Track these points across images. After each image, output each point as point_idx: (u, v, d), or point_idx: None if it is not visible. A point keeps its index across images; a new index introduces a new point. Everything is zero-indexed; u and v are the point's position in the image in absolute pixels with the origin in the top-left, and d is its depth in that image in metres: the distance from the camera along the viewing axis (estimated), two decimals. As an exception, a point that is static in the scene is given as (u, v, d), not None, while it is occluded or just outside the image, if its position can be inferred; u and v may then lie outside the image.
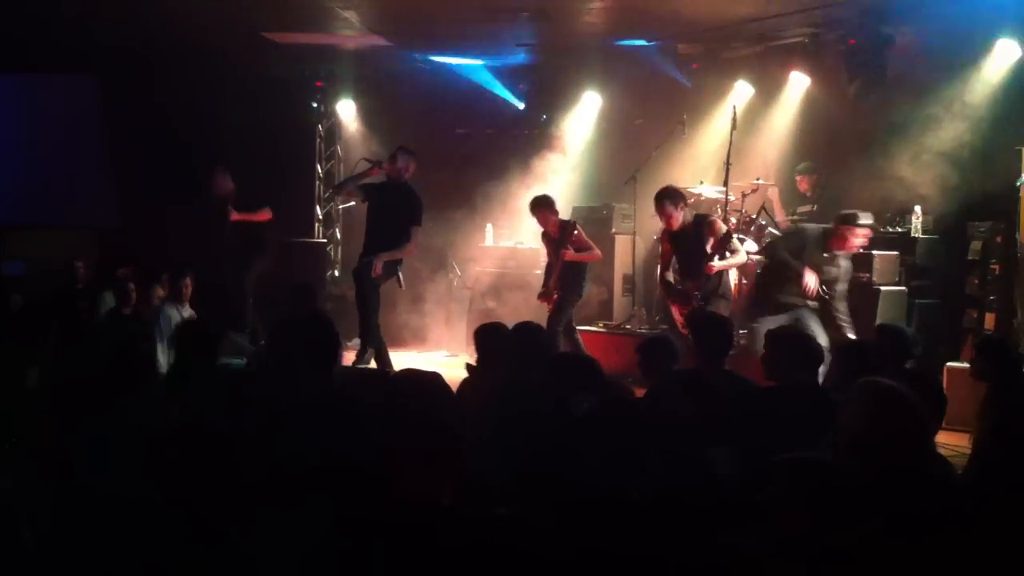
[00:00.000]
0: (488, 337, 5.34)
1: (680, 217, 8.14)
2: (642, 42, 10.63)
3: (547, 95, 12.38)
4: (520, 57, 11.70)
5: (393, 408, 2.82)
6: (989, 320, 8.48)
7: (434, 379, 3.08)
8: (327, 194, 13.56)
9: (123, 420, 3.72)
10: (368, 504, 2.65)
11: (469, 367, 5.30)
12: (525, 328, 5.37)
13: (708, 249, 7.97)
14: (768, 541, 2.44)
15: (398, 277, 8.99)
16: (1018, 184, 8.46)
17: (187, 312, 8.11)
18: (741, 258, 8.30)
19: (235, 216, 10.00)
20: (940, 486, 3.17)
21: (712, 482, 3.44)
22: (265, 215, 10.23)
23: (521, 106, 12.57)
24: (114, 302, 9.06)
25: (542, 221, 9.18)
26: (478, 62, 12.07)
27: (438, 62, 12.07)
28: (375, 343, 8.78)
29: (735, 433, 3.98)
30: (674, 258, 8.51)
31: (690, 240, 8.13)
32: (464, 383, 5.13)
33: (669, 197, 8.17)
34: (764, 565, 2.31)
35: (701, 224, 8.15)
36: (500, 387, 4.67)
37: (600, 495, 2.86)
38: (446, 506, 2.63)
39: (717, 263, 7.90)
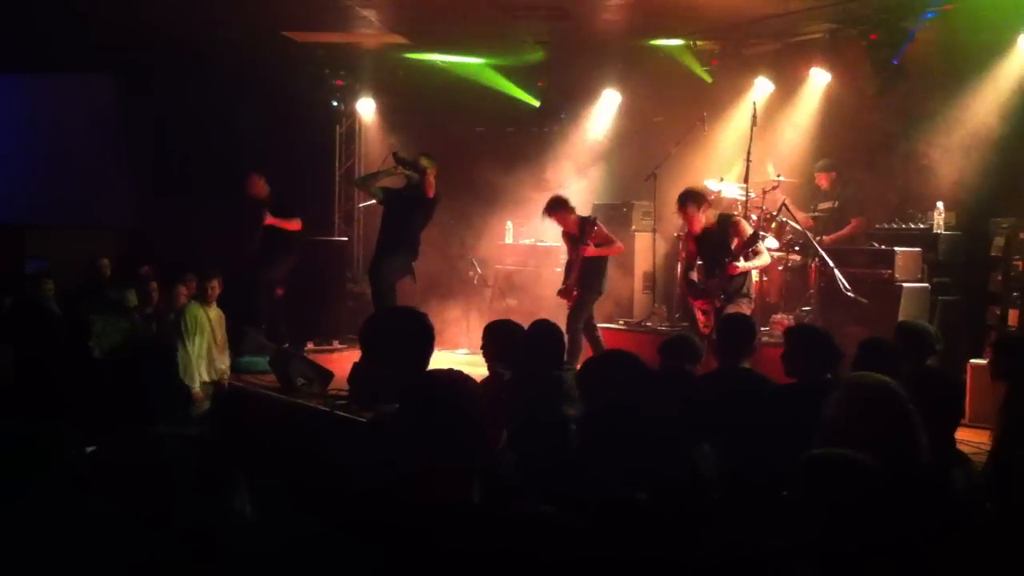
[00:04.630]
0: (499, 334, 5.35)
1: (702, 219, 8.14)
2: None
3: (566, 92, 12.36)
4: (538, 55, 11.68)
5: (422, 408, 2.80)
6: (1012, 317, 8.39)
7: (460, 377, 3.05)
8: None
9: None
10: (393, 506, 2.64)
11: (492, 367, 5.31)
12: (539, 326, 5.36)
13: (732, 249, 7.95)
14: (784, 542, 2.42)
15: (412, 274, 9.19)
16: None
17: (214, 313, 8.15)
18: (764, 260, 8.26)
19: (269, 220, 10.25)
20: (928, 486, 3.10)
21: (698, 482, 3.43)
22: (296, 224, 10.51)
23: (537, 104, 12.55)
24: (136, 301, 9.11)
25: (560, 222, 9.18)
26: (496, 60, 12.06)
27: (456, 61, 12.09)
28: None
29: (752, 431, 3.98)
30: (698, 257, 8.50)
31: (715, 240, 8.12)
32: (484, 382, 5.13)
33: (692, 199, 8.15)
34: (779, 566, 2.28)
35: (726, 224, 8.14)
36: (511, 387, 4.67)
37: (605, 498, 2.85)
38: (472, 505, 2.63)
39: (741, 264, 7.88)
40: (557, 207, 9.11)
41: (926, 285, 8.64)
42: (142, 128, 12.94)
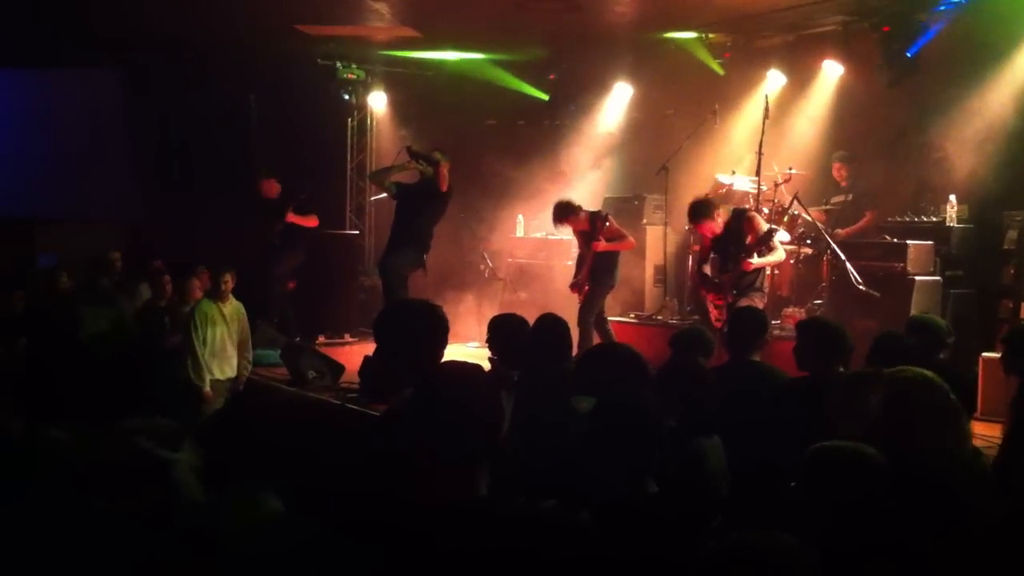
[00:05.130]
0: (502, 329, 5.34)
1: (720, 223, 8.13)
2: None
3: (577, 85, 12.33)
4: (549, 48, 11.66)
5: (435, 401, 2.80)
6: (1025, 310, 8.37)
7: (470, 370, 3.03)
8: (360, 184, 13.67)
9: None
10: (397, 506, 2.64)
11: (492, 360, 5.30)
12: (545, 320, 5.35)
13: (747, 244, 7.93)
14: (792, 536, 2.41)
15: (423, 267, 9.28)
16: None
17: (229, 308, 8.14)
18: (779, 256, 8.19)
19: (291, 217, 10.46)
20: (940, 481, 3.07)
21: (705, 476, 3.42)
22: (313, 221, 10.79)
23: (546, 98, 12.53)
24: (149, 294, 9.13)
25: (572, 224, 9.17)
26: (506, 54, 12.04)
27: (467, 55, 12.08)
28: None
29: (762, 424, 3.97)
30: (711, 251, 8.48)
31: (729, 235, 8.10)
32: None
33: (703, 212, 8.14)
34: (781, 566, 2.27)
35: (740, 219, 8.11)
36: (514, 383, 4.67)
37: (608, 495, 2.85)
38: (477, 501, 2.63)
39: (755, 260, 7.86)
40: (563, 215, 9.09)
41: (938, 278, 8.61)
42: (148, 123, 12.93)
